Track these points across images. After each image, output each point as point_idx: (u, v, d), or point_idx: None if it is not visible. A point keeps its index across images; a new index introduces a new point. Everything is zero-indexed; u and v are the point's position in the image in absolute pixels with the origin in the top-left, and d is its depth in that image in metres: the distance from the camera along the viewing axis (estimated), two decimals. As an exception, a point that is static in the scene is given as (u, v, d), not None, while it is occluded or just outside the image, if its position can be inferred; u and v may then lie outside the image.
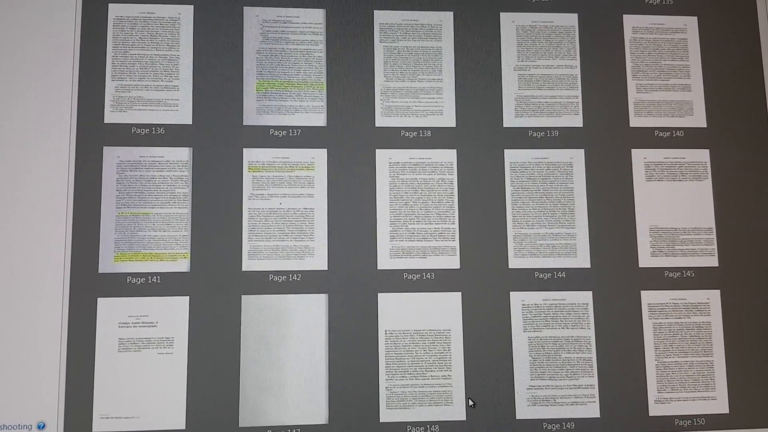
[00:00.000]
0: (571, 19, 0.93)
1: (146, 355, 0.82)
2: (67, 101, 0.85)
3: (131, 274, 0.83)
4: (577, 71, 0.92)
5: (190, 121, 0.87)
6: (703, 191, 0.90)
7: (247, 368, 0.82)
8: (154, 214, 0.85)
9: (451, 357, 0.84)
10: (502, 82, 0.91)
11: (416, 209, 0.87)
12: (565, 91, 0.91)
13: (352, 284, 0.85)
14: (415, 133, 0.89)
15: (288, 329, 0.84)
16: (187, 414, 0.81)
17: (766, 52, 0.93)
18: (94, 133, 0.85)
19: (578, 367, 0.85)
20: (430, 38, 0.91)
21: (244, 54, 0.89)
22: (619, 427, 0.84)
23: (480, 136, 0.89)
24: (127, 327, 0.82)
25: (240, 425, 0.81)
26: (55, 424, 0.79)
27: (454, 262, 0.86)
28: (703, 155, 0.91)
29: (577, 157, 0.90)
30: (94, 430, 0.79)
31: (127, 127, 0.86)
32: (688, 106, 0.92)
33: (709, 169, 0.90)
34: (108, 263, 0.83)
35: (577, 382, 0.85)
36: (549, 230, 0.88)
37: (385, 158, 0.88)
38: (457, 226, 0.87)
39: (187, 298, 0.83)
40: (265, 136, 0.87)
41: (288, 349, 0.83)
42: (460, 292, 0.86)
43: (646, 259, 0.88)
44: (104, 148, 0.85)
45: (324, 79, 0.89)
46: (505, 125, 0.90)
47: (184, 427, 0.80)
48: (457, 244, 0.87)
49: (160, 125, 0.86)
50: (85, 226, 0.83)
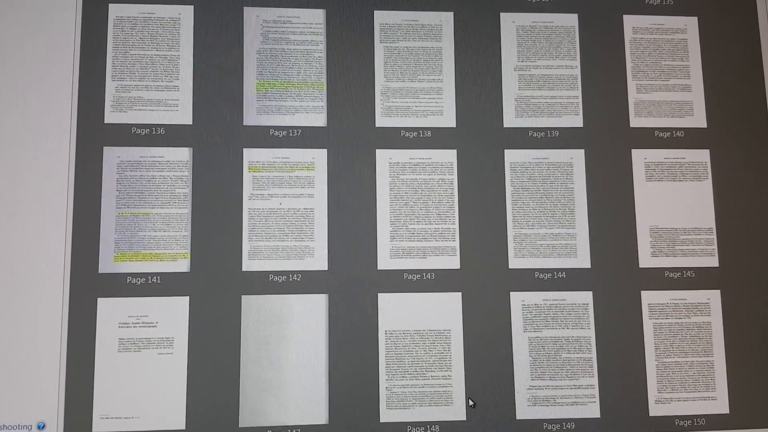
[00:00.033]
0: (572, 20, 0.93)
1: (146, 356, 0.82)
2: (67, 101, 0.85)
3: (131, 275, 0.83)
4: (578, 71, 0.92)
5: (190, 121, 0.87)
6: (703, 191, 0.90)
7: (247, 368, 0.82)
8: (154, 214, 0.85)
9: (451, 357, 0.84)
10: (502, 82, 0.91)
11: (416, 209, 0.87)
12: (565, 92, 0.91)
13: (352, 284, 0.85)
14: (415, 134, 0.89)
15: (288, 329, 0.84)
16: (187, 414, 0.81)
17: (766, 52, 0.93)
18: (94, 134, 0.85)
19: (578, 368, 0.85)
20: (430, 38, 0.91)
21: (244, 54, 0.89)
22: (620, 428, 0.84)
23: (480, 137, 0.89)
24: (127, 327, 0.82)
25: (240, 425, 0.81)
26: (55, 425, 0.79)
27: (454, 263, 0.86)
28: (703, 155, 0.91)
29: (578, 158, 0.90)
30: (94, 430, 0.79)
31: (127, 128, 0.86)
32: (688, 107, 0.92)
33: (710, 170, 0.90)
34: (108, 263, 0.83)
35: (577, 382, 0.85)
36: (549, 230, 0.88)
37: (385, 158, 0.88)
38: (457, 226, 0.87)
39: (187, 298, 0.83)
40: (265, 137, 0.87)
41: (288, 349, 0.83)
42: (460, 293, 0.86)
43: (647, 259, 0.88)
44: (104, 148, 0.85)
45: (324, 80, 0.89)
46: (505, 125, 0.90)
47: (184, 427, 0.80)
48: (457, 245, 0.87)
49: (160, 125, 0.86)
50: (85, 226, 0.83)
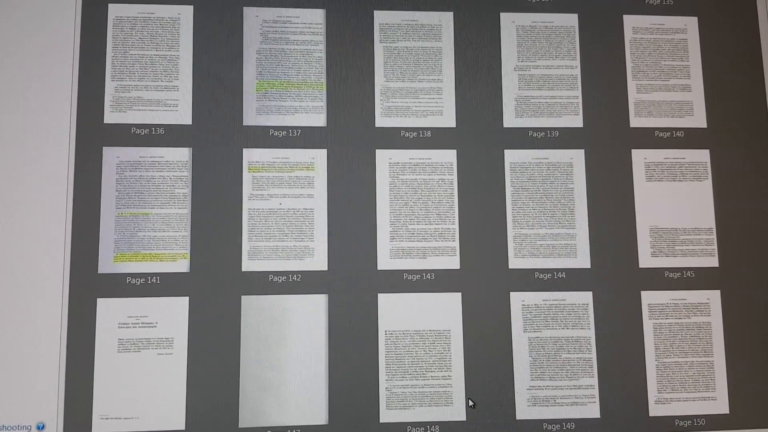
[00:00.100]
0: (572, 20, 0.93)
1: (146, 356, 0.81)
2: (67, 101, 0.85)
3: (131, 275, 0.83)
4: (578, 71, 0.92)
5: (190, 122, 0.87)
6: (703, 191, 0.90)
7: (247, 368, 0.82)
8: (153, 215, 0.85)
9: (451, 357, 0.84)
10: (502, 82, 0.91)
11: (416, 209, 0.87)
12: (565, 92, 0.91)
13: (352, 284, 0.85)
14: (415, 134, 0.89)
15: (288, 329, 0.83)
16: (187, 414, 0.81)
17: (766, 52, 0.93)
18: (94, 134, 0.85)
19: (578, 368, 0.85)
20: (430, 38, 0.91)
21: (244, 54, 0.89)
22: (620, 428, 0.84)
23: (480, 137, 0.89)
24: (127, 327, 0.82)
25: (240, 425, 0.81)
26: (55, 425, 0.79)
27: (454, 263, 0.86)
28: (704, 155, 0.91)
29: (578, 158, 0.90)
30: (93, 431, 0.79)
31: (126, 128, 0.86)
32: (688, 107, 0.92)
33: (710, 170, 0.90)
34: (108, 263, 0.83)
35: (577, 382, 0.85)
36: (549, 230, 0.88)
37: (385, 158, 0.88)
38: (457, 227, 0.87)
39: (187, 298, 0.83)
40: (265, 137, 0.87)
41: (288, 349, 0.83)
42: (460, 293, 0.86)
43: (647, 260, 0.88)
44: (104, 148, 0.85)
45: (324, 80, 0.89)
46: (505, 125, 0.90)
47: (183, 428, 0.80)
48: (457, 245, 0.87)
49: (160, 125, 0.86)
50: (85, 227, 0.83)
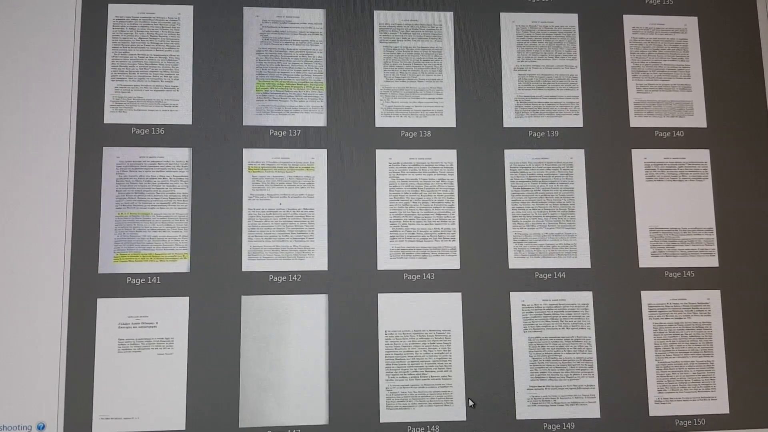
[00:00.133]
0: (571, 19, 0.93)
1: (146, 356, 0.81)
2: (67, 101, 0.85)
3: (131, 275, 0.83)
4: (577, 71, 0.92)
5: (190, 122, 0.87)
6: (703, 191, 0.90)
7: (247, 368, 0.82)
8: (153, 215, 0.85)
9: (451, 357, 0.84)
10: (502, 82, 0.91)
11: (416, 209, 0.87)
12: (565, 92, 0.91)
13: (352, 284, 0.85)
14: (415, 134, 0.89)
15: (288, 329, 0.83)
16: (187, 414, 0.81)
17: (766, 52, 0.93)
18: (94, 134, 0.85)
19: (578, 368, 0.85)
20: (430, 38, 0.91)
21: (244, 54, 0.89)
22: (620, 428, 0.84)
23: (480, 137, 0.89)
24: (127, 328, 0.82)
25: (240, 426, 0.81)
26: (55, 425, 0.79)
27: (454, 263, 0.86)
28: (704, 155, 0.91)
29: (577, 158, 0.90)
30: (93, 431, 0.79)
31: (126, 128, 0.86)
32: (688, 106, 0.92)
33: (710, 169, 0.90)
34: (108, 264, 0.83)
35: (577, 382, 0.85)
36: (549, 230, 0.88)
37: (385, 158, 0.88)
38: (457, 227, 0.87)
39: (187, 298, 0.83)
40: (265, 137, 0.87)
41: (288, 350, 0.83)
42: (460, 293, 0.86)
43: (646, 260, 0.88)
44: (104, 148, 0.85)
45: (324, 80, 0.89)
46: (505, 125, 0.90)
47: (184, 428, 0.80)
48: (457, 245, 0.87)
49: (160, 125, 0.86)
50: (85, 227, 0.83)
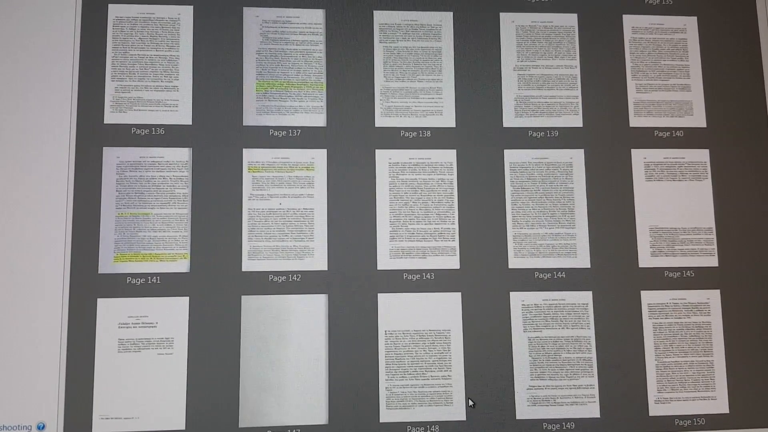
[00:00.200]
0: (571, 19, 0.93)
1: (146, 356, 0.82)
2: (67, 101, 0.85)
3: (131, 275, 0.83)
4: (577, 71, 0.92)
5: (190, 122, 0.87)
6: (703, 191, 0.90)
7: (247, 368, 0.82)
8: (153, 215, 0.85)
9: (451, 357, 0.84)
10: (502, 82, 0.91)
11: (416, 209, 0.87)
12: (565, 91, 0.91)
13: (352, 284, 0.85)
14: (415, 134, 0.89)
15: (288, 329, 0.84)
16: (187, 414, 0.81)
17: (766, 52, 0.93)
18: (94, 134, 0.85)
19: (578, 367, 0.85)
20: (430, 38, 0.91)
21: (244, 54, 0.89)
22: (619, 427, 0.84)
23: (480, 136, 0.89)
24: (127, 327, 0.82)
25: (240, 425, 0.81)
26: (55, 425, 0.79)
27: (454, 262, 0.86)
28: (703, 155, 0.91)
29: (577, 157, 0.90)
30: (93, 431, 0.79)
31: (126, 128, 0.86)
32: (687, 106, 0.92)
33: (709, 169, 0.90)
34: (108, 264, 0.83)
35: (577, 382, 0.85)
36: (549, 230, 0.88)
37: (385, 158, 0.88)
38: (457, 226, 0.87)
39: (187, 298, 0.83)
40: (265, 137, 0.87)
41: (288, 349, 0.83)
42: (460, 292, 0.86)
43: (646, 259, 0.88)
44: (104, 148, 0.85)
45: (324, 80, 0.89)
46: (504, 125, 0.90)
47: (184, 428, 0.80)
48: (457, 244, 0.87)
49: (160, 126, 0.86)
50: (85, 227, 0.83)
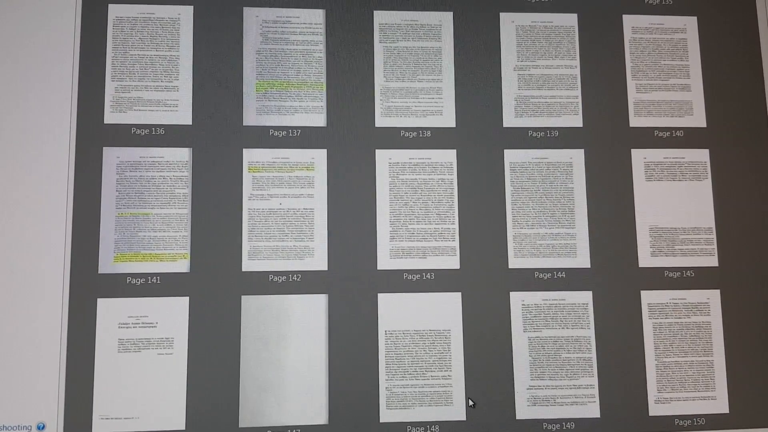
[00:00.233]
0: (571, 19, 0.93)
1: (146, 356, 0.82)
2: (67, 101, 0.85)
3: (131, 275, 0.83)
4: (577, 71, 0.92)
5: (190, 122, 0.87)
6: (703, 191, 0.90)
7: (247, 368, 0.82)
8: (154, 215, 0.85)
9: (451, 357, 0.84)
10: (502, 82, 0.91)
11: (416, 209, 0.87)
12: (565, 91, 0.91)
13: (352, 284, 0.85)
14: (415, 134, 0.89)
15: (288, 329, 0.84)
16: (187, 414, 0.81)
17: (766, 52, 0.93)
18: (94, 134, 0.85)
19: (578, 367, 0.85)
20: (430, 38, 0.91)
21: (244, 54, 0.89)
22: (619, 427, 0.84)
23: (480, 136, 0.89)
24: (127, 327, 0.82)
25: (240, 425, 0.81)
26: (55, 425, 0.79)
27: (454, 262, 0.86)
28: (703, 155, 0.91)
29: (577, 157, 0.90)
30: (93, 431, 0.79)
31: (126, 128, 0.86)
32: (687, 106, 0.92)
33: (709, 169, 0.90)
34: (108, 264, 0.83)
35: (577, 382, 0.85)
36: (549, 230, 0.88)
37: (385, 158, 0.88)
38: (457, 226, 0.87)
39: (187, 298, 0.83)
40: (265, 137, 0.87)
41: (288, 349, 0.83)
42: (460, 292, 0.86)
43: (646, 259, 0.88)
44: (104, 148, 0.85)
45: (324, 80, 0.89)
46: (504, 125, 0.90)
47: (184, 428, 0.80)
48: (457, 244, 0.87)
49: (160, 126, 0.86)
50: (85, 227, 0.83)
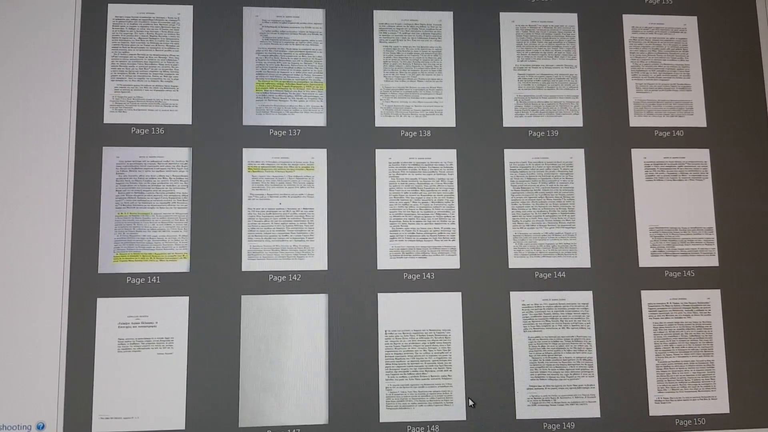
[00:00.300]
0: (571, 19, 0.93)
1: (146, 356, 0.81)
2: (67, 101, 0.85)
3: (131, 275, 0.83)
4: (577, 71, 0.92)
5: (190, 121, 0.87)
6: (703, 191, 0.90)
7: (247, 368, 0.82)
8: (153, 215, 0.85)
9: (451, 357, 0.84)
10: (502, 81, 0.91)
11: (416, 209, 0.87)
12: (565, 91, 0.91)
13: (352, 284, 0.85)
14: (415, 133, 0.89)
15: (288, 329, 0.83)
16: (187, 414, 0.81)
17: (766, 52, 0.93)
18: (94, 134, 0.85)
19: (578, 367, 0.85)
20: (430, 38, 0.91)
21: (244, 54, 0.89)
22: (620, 427, 0.84)
23: (480, 136, 0.89)
24: (127, 327, 0.82)
25: (240, 425, 0.81)
26: (55, 425, 0.79)
27: (454, 262, 0.86)
28: (703, 155, 0.91)
29: (577, 157, 0.90)
30: (93, 431, 0.79)
31: (126, 128, 0.86)
32: (687, 106, 0.92)
33: (709, 169, 0.90)
34: (107, 263, 0.83)
35: (577, 382, 0.85)
36: (549, 230, 0.88)
37: (385, 158, 0.88)
38: (457, 226, 0.87)
39: (187, 298, 0.83)
40: (265, 136, 0.87)
41: (288, 349, 0.83)
42: (460, 292, 0.86)
43: (647, 259, 0.88)
44: (104, 148, 0.85)
45: (324, 79, 0.89)
46: (504, 125, 0.90)
47: (183, 428, 0.80)
48: (457, 244, 0.87)
49: (160, 125, 0.86)
50: (85, 227, 0.83)
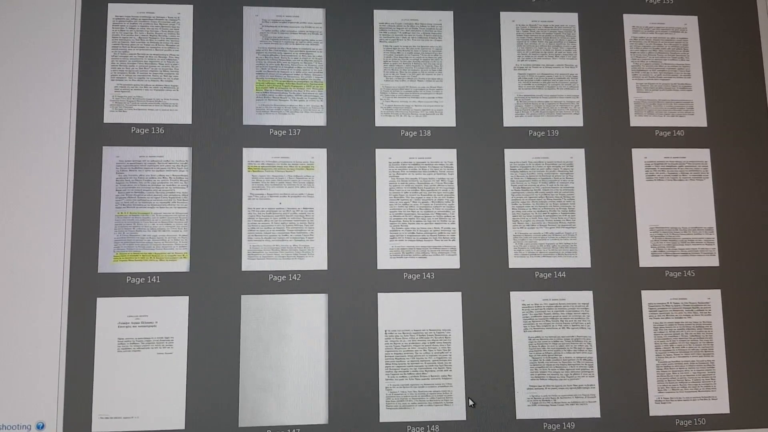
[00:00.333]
0: (572, 19, 0.93)
1: (146, 355, 0.81)
2: (67, 101, 0.85)
3: (131, 274, 0.83)
4: (578, 71, 0.92)
5: (190, 121, 0.87)
6: (704, 191, 0.90)
7: (247, 368, 0.82)
8: (153, 214, 0.85)
9: (451, 357, 0.84)
10: (502, 81, 0.91)
11: (416, 209, 0.87)
12: (566, 91, 0.91)
13: (352, 284, 0.85)
14: (415, 133, 0.89)
15: (288, 329, 0.83)
16: (187, 414, 0.80)
17: (766, 52, 0.93)
18: (94, 133, 0.85)
19: (578, 367, 0.85)
20: (430, 38, 0.91)
21: (244, 54, 0.89)
22: (620, 427, 0.84)
23: (480, 136, 0.89)
24: (127, 327, 0.82)
25: (240, 425, 0.81)
26: (55, 425, 0.79)
27: (454, 262, 0.86)
28: (704, 155, 0.91)
29: (578, 157, 0.90)
30: (93, 431, 0.79)
31: (126, 127, 0.86)
32: (688, 106, 0.92)
33: (710, 169, 0.90)
34: (107, 263, 0.83)
35: (577, 382, 0.85)
36: (549, 230, 0.88)
37: (385, 158, 0.88)
38: (457, 226, 0.87)
39: (187, 298, 0.83)
40: (265, 136, 0.87)
41: (288, 349, 0.83)
42: (460, 292, 0.85)
43: (647, 259, 0.88)
44: (104, 148, 0.85)
45: (324, 79, 0.89)
46: (505, 125, 0.90)
47: (183, 427, 0.80)
48: (457, 244, 0.87)
49: (160, 125, 0.86)
50: (85, 226, 0.83)
